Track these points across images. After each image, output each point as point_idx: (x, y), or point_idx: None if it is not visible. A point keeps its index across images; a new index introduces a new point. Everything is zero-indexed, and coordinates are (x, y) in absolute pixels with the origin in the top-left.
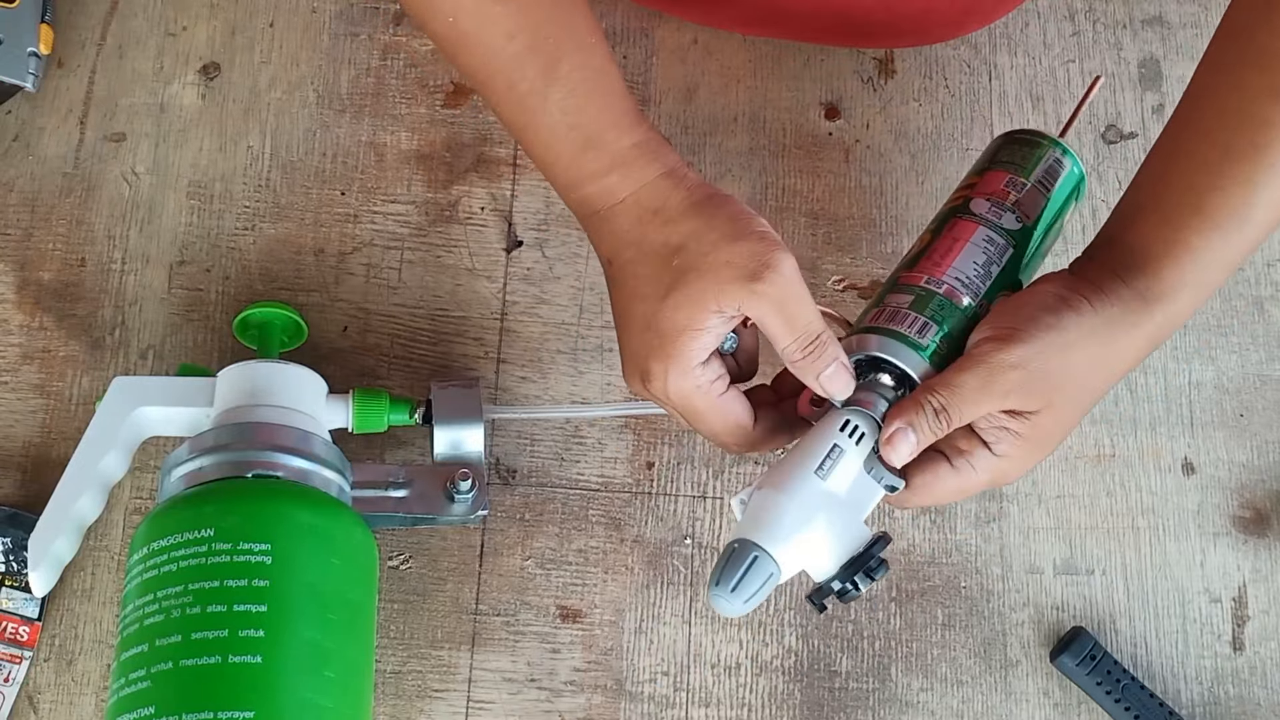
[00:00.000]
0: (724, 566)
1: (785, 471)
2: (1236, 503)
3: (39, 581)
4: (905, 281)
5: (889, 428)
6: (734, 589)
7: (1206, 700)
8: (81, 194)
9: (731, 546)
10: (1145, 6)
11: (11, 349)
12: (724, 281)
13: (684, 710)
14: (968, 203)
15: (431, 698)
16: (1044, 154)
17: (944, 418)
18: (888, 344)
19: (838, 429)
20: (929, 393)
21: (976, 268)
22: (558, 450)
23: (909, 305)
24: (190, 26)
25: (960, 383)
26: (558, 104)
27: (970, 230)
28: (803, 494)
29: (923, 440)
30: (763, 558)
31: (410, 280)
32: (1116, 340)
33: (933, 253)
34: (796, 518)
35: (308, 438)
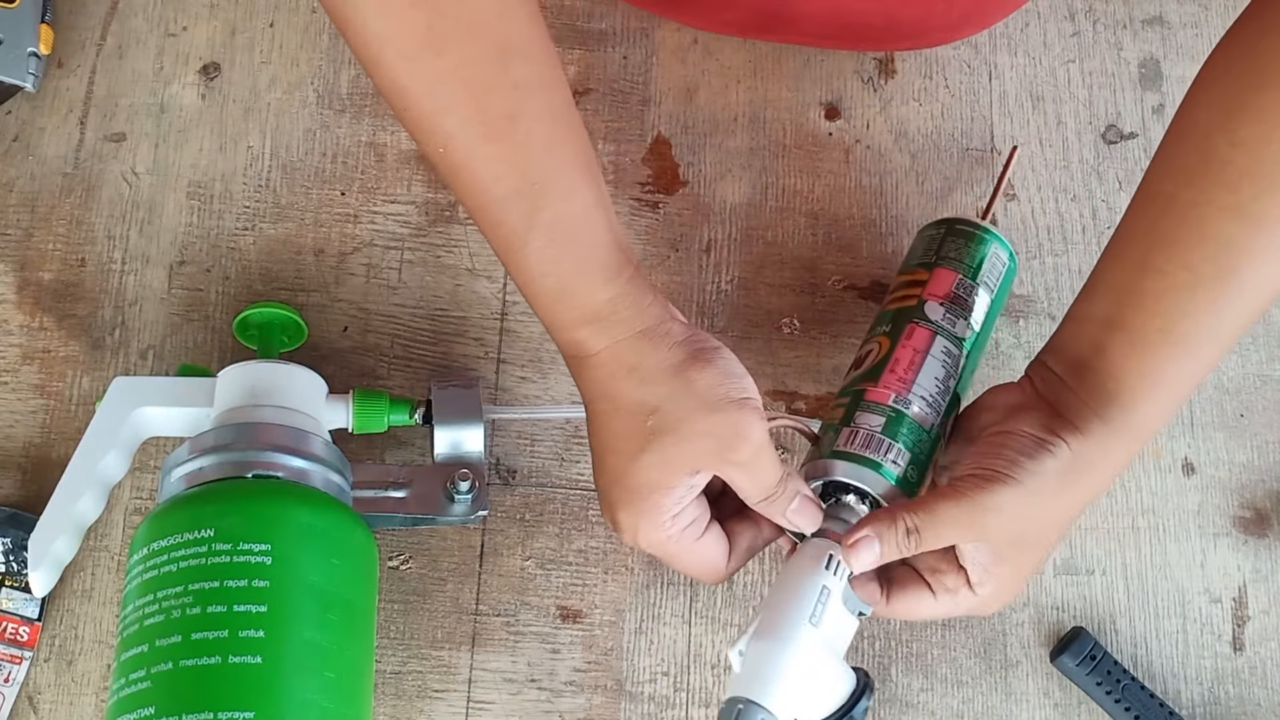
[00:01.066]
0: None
1: (779, 621)
2: (1237, 503)
3: (39, 582)
4: (873, 399)
5: (856, 533)
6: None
7: (1207, 700)
8: (81, 194)
9: (736, 707)
10: (1145, 6)
11: (11, 349)
12: (700, 451)
13: (684, 710)
14: (922, 305)
15: (431, 698)
16: (987, 250)
17: (914, 539)
18: (864, 473)
19: (823, 567)
20: (905, 511)
21: (938, 383)
22: (558, 450)
23: (881, 429)
24: (190, 27)
25: (939, 511)
26: (536, 252)
27: (928, 340)
28: (800, 647)
29: (886, 554)
30: (766, 716)
31: (410, 280)
32: (1091, 477)
33: (895, 365)
34: (796, 673)
35: (308, 438)
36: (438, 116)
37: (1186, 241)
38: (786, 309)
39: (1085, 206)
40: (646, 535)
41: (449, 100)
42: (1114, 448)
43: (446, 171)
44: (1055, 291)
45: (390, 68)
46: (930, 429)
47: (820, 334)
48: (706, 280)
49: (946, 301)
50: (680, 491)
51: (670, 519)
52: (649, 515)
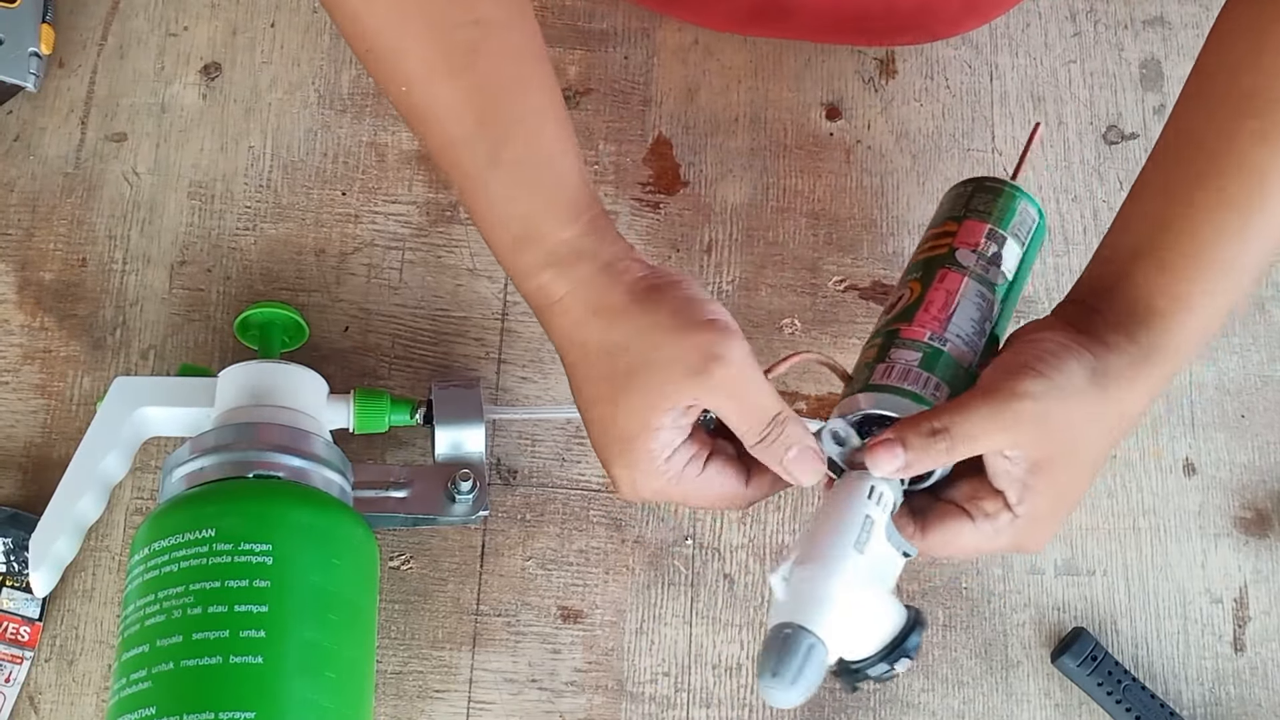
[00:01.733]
0: (780, 656)
1: (824, 547)
2: (1238, 503)
3: (40, 582)
4: (908, 336)
5: (879, 437)
6: (794, 681)
7: (1207, 701)
8: (82, 194)
9: (783, 632)
10: (1146, 7)
11: (12, 349)
12: (673, 379)
13: (685, 711)
14: (953, 253)
15: (432, 698)
16: (1016, 204)
17: (942, 440)
18: (902, 403)
19: (865, 496)
20: (931, 414)
21: (973, 324)
22: (558, 450)
23: (919, 363)
24: (191, 26)
25: (967, 408)
26: (497, 192)
27: (960, 283)
28: (846, 572)
29: (912, 459)
30: (818, 645)
31: (411, 280)
32: (1119, 396)
33: (929, 305)
34: (844, 599)
35: (309, 438)
36: (399, 54)
37: (1215, 170)
38: (787, 309)
39: (1086, 207)
40: (646, 485)
41: (410, 37)
42: (1143, 369)
43: (408, 112)
44: (1056, 292)
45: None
46: (969, 367)
47: (821, 334)
48: (707, 281)
49: (977, 249)
50: (667, 432)
51: (664, 462)
52: (642, 463)
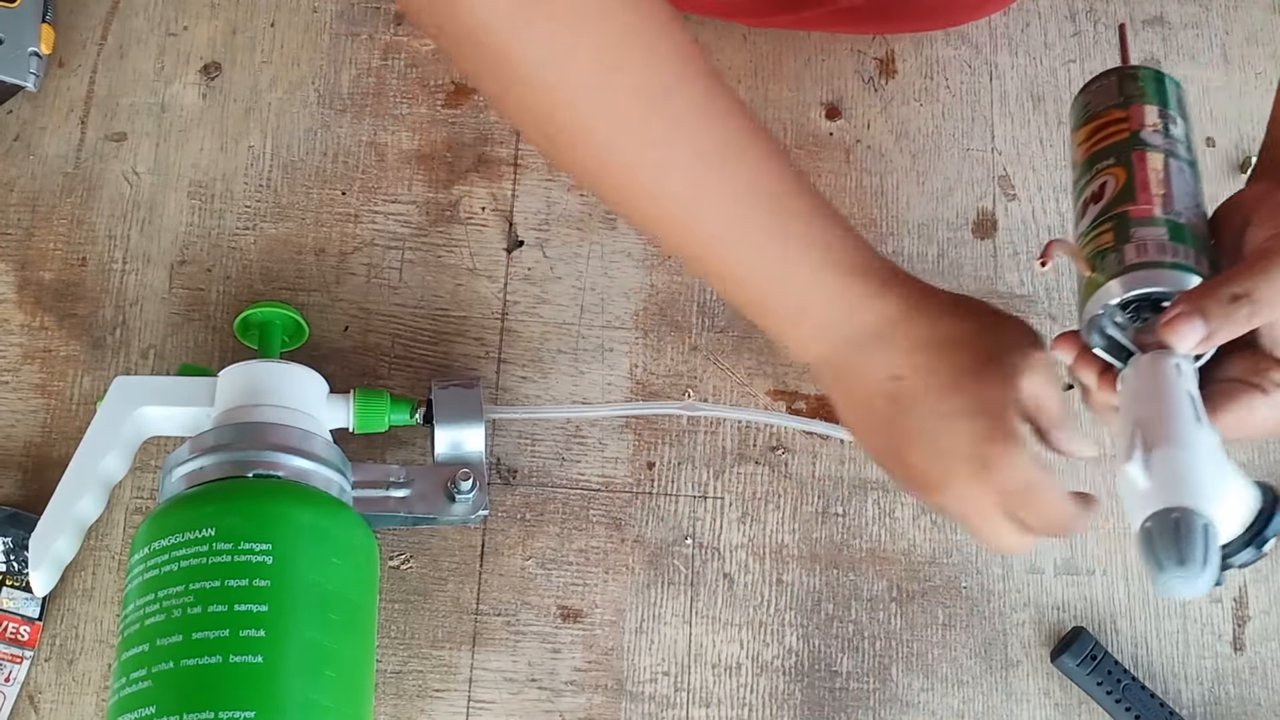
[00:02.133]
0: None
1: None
2: None
3: (40, 581)
4: (1140, 215)
5: (1171, 311)
6: (1206, 564)
7: (1207, 700)
8: (82, 194)
9: (1171, 517)
10: (1146, 7)
11: (12, 349)
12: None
13: (684, 710)
14: (1137, 134)
15: (432, 697)
16: (1166, 84)
17: (1244, 303)
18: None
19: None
20: (1224, 280)
21: (1191, 197)
22: (558, 450)
23: (1169, 236)
24: (191, 26)
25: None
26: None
27: (1163, 160)
28: (1205, 448)
29: (1214, 329)
30: (1211, 525)
31: (411, 280)
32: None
33: (1145, 185)
34: (1214, 474)
35: (308, 437)
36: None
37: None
38: None
39: None
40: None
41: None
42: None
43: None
44: (1056, 292)
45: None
46: (1205, 236)
47: None
48: None
49: (1156, 129)
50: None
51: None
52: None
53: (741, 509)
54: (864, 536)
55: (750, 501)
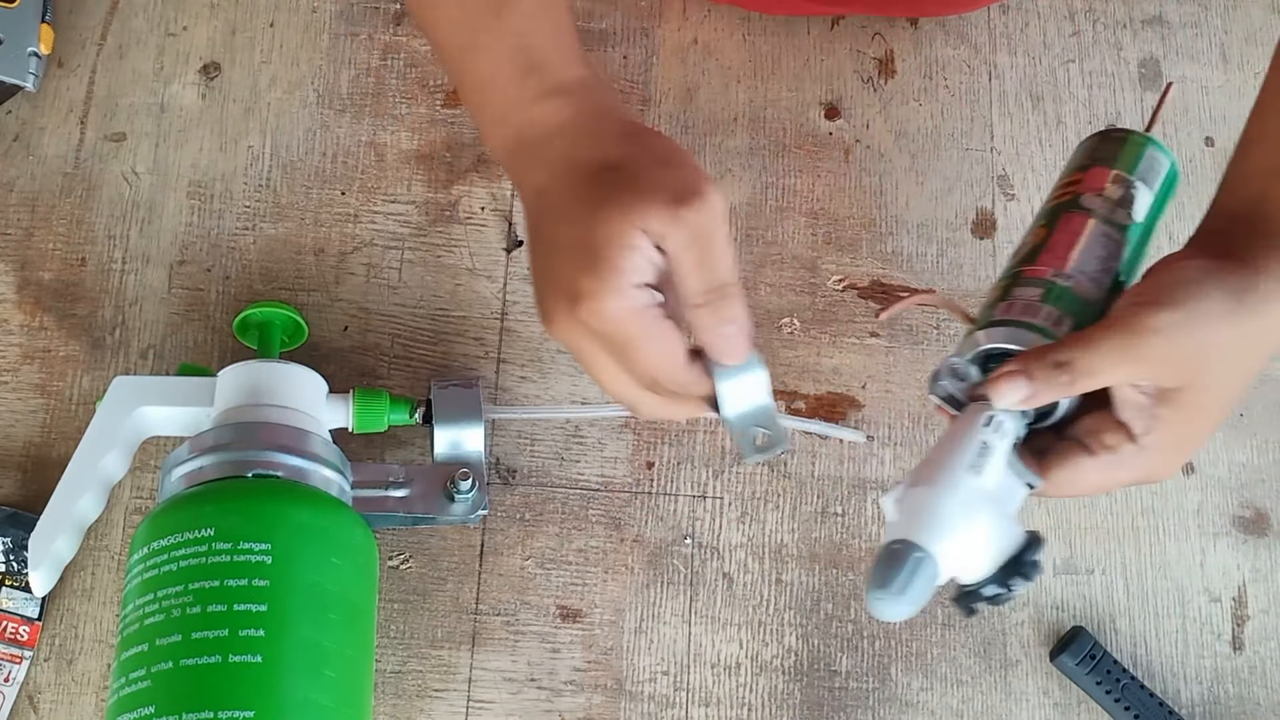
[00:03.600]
0: (888, 569)
1: (938, 469)
2: (1236, 502)
3: (39, 581)
4: (1030, 275)
5: (1002, 368)
6: (903, 591)
7: (1206, 700)
8: (82, 194)
9: (893, 547)
10: (1145, 6)
11: (12, 349)
12: (651, 200)
13: (684, 710)
14: (1077, 198)
15: (431, 697)
16: (1143, 151)
17: (1066, 371)
18: (1022, 335)
19: (981, 425)
20: (1056, 345)
21: (1099, 261)
22: (558, 450)
23: (1039, 298)
24: (190, 26)
25: (1095, 340)
26: (509, 25)
27: (1084, 224)
28: (961, 492)
29: (1036, 391)
30: (927, 559)
31: (410, 280)
32: (1270, 312)
33: (1053, 246)
34: (956, 516)
35: (308, 437)
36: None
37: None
38: (787, 309)
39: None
40: (612, 302)
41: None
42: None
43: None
44: None
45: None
46: (1095, 302)
47: (820, 334)
48: None
49: (1103, 193)
50: (639, 254)
51: (634, 288)
52: (612, 275)
53: (741, 509)
54: (863, 536)
55: (749, 501)
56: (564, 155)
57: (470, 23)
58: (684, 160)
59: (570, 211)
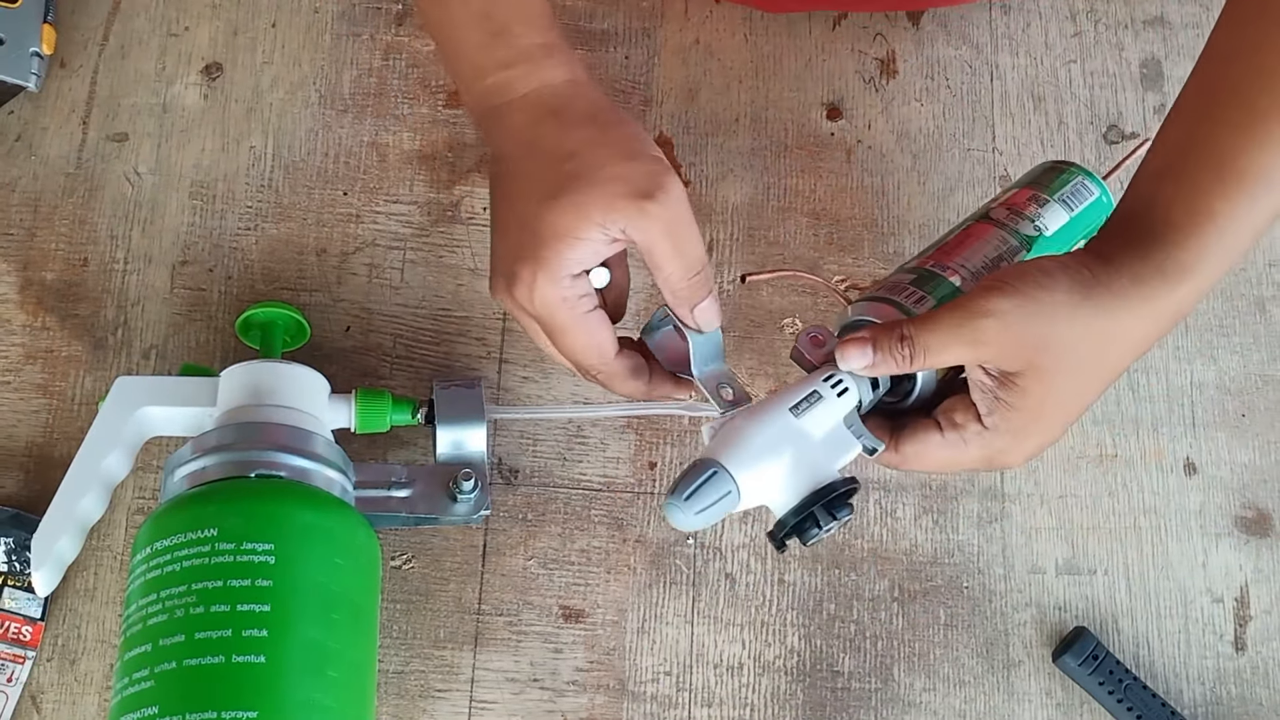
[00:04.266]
0: (681, 478)
1: (759, 406)
2: (1238, 503)
3: (42, 581)
4: (912, 266)
5: (853, 334)
6: (687, 498)
7: (1209, 700)
8: (84, 194)
9: (695, 462)
10: (1147, 7)
11: (14, 349)
12: (614, 196)
13: (686, 710)
14: (988, 211)
15: (434, 697)
16: (1072, 178)
17: (907, 346)
18: (881, 308)
19: (820, 380)
20: (903, 322)
21: (986, 261)
22: (560, 450)
23: (910, 281)
24: (192, 27)
25: (935, 319)
26: None
27: (985, 231)
28: (772, 426)
29: (880, 361)
30: (721, 474)
31: (413, 280)
32: (1121, 310)
33: (945, 246)
34: (762, 445)
35: (310, 437)
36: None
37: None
38: (788, 309)
39: None
40: (543, 289)
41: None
42: (1154, 286)
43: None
44: None
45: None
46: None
47: None
48: None
49: (1013, 206)
50: (589, 245)
51: (570, 278)
52: (550, 264)
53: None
54: (865, 536)
55: None
56: (524, 131)
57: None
58: (643, 150)
59: (526, 191)
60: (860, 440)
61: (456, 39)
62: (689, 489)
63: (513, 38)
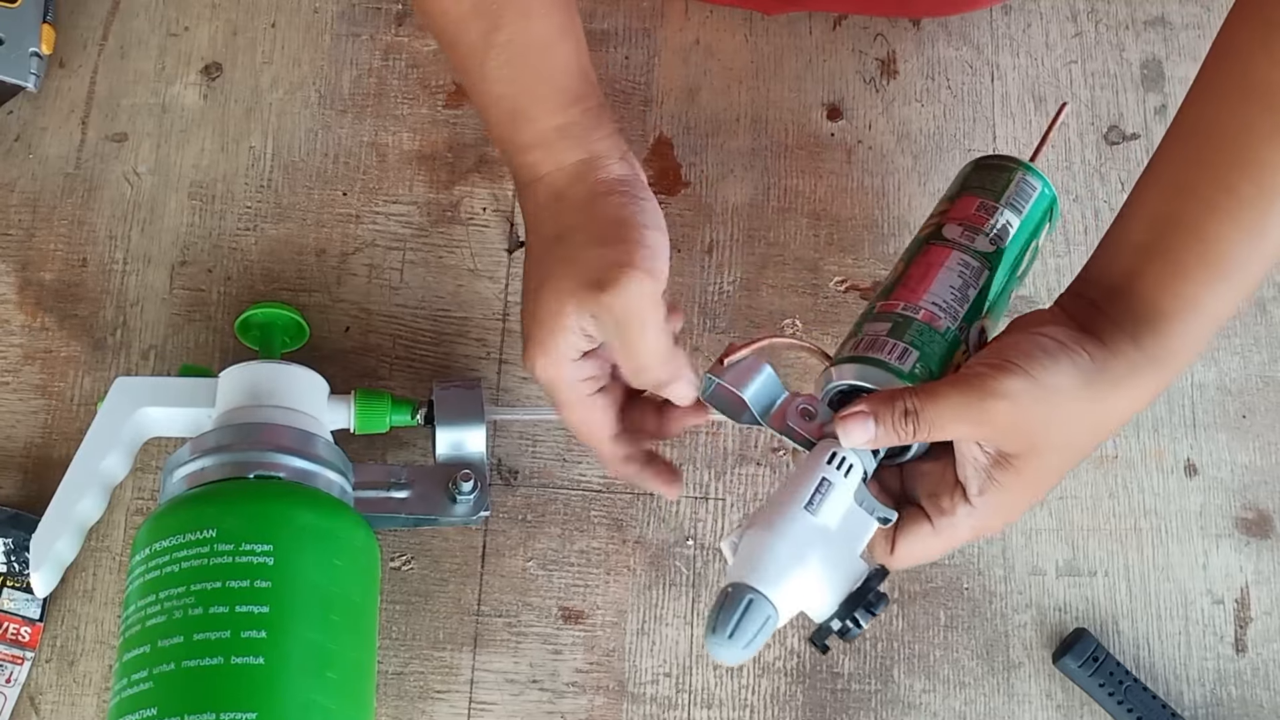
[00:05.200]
0: (719, 612)
1: (773, 510)
2: (1239, 504)
3: (41, 582)
4: (882, 310)
5: (851, 407)
6: (731, 635)
7: (1209, 702)
8: (83, 194)
9: (726, 591)
10: (1147, 7)
11: (13, 349)
12: (576, 286)
13: (686, 711)
14: (940, 229)
15: (433, 699)
16: (1014, 177)
17: (912, 421)
18: (868, 371)
19: (824, 462)
20: (906, 393)
21: (953, 291)
22: (559, 451)
23: (887, 332)
24: (192, 27)
25: (942, 395)
26: (493, 71)
27: (944, 256)
28: (793, 532)
29: (882, 435)
30: (758, 600)
31: (412, 281)
32: (1116, 397)
33: (908, 280)
34: (789, 556)
35: (310, 438)
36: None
37: (1227, 165)
38: (789, 310)
39: (1088, 207)
40: (544, 369)
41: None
42: (1145, 373)
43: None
44: (1058, 292)
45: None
46: (944, 331)
47: (822, 335)
48: (708, 281)
49: (965, 221)
50: (573, 336)
51: (567, 361)
52: (547, 347)
53: (743, 510)
54: None
55: (752, 503)
56: (536, 213)
57: (463, 63)
58: (622, 235)
59: (530, 271)
60: (874, 515)
61: (484, 115)
62: (730, 625)
63: (529, 121)
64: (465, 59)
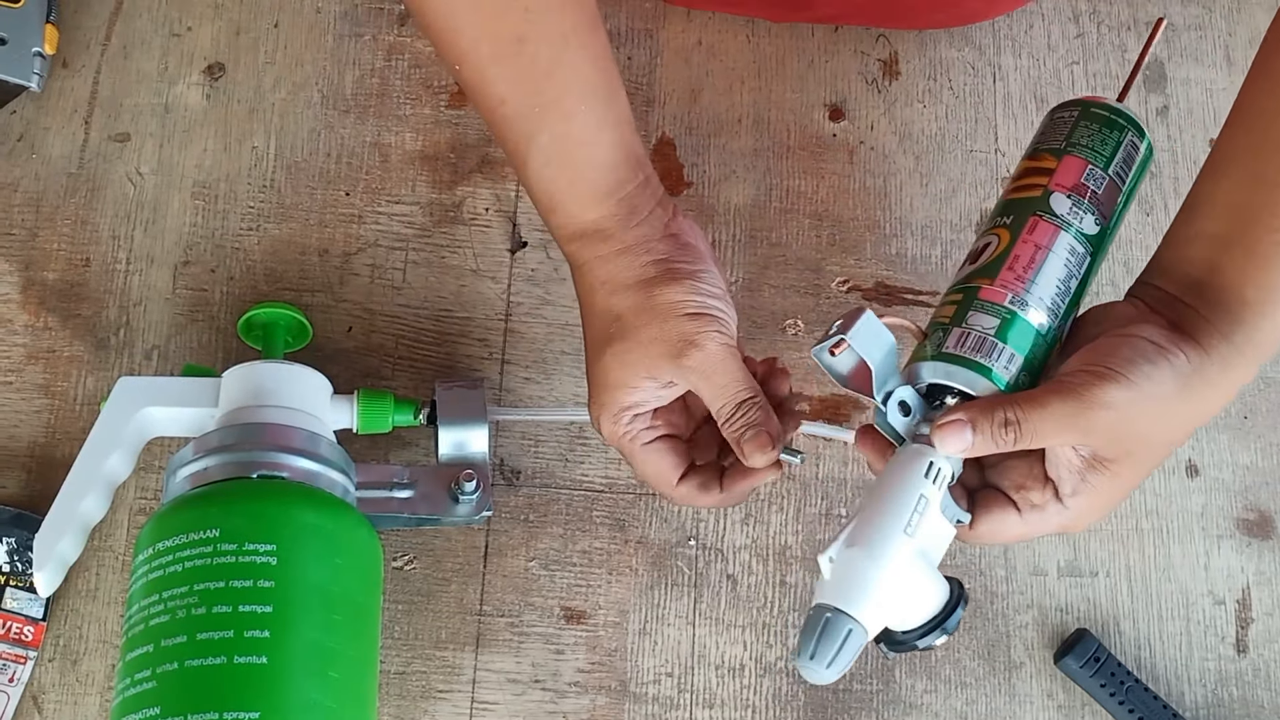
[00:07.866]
0: (818, 640)
1: (874, 530)
2: (1240, 505)
3: (44, 582)
4: (988, 299)
5: (949, 415)
6: (830, 664)
7: (1210, 702)
8: (86, 194)
9: (824, 616)
10: (1149, 9)
11: (16, 349)
12: (653, 356)
13: (688, 711)
14: (1047, 197)
15: (436, 698)
16: (1123, 139)
17: (1012, 431)
18: (975, 380)
19: (922, 475)
20: (1006, 402)
21: (1059, 285)
22: (562, 451)
23: (994, 332)
24: (195, 27)
25: (1045, 404)
26: (534, 170)
27: (1053, 237)
28: (894, 559)
29: (980, 444)
30: (857, 629)
31: (415, 281)
32: (1209, 395)
33: (1014, 261)
34: (888, 584)
35: (312, 438)
36: (451, 35)
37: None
38: (791, 310)
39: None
40: (607, 428)
41: (462, 20)
42: (1236, 366)
43: (462, 85)
44: None
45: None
46: (1045, 331)
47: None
48: None
49: (1074, 194)
50: (642, 393)
51: (629, 416)
52: (608, 408)
53: (744, 510)
54: None
55: (753, 503)
56: (585, 294)
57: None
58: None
59: (589, 341)
60: (953, 519)
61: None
62: (829, 654)
63: (569, 216)
64: (513, 155)
